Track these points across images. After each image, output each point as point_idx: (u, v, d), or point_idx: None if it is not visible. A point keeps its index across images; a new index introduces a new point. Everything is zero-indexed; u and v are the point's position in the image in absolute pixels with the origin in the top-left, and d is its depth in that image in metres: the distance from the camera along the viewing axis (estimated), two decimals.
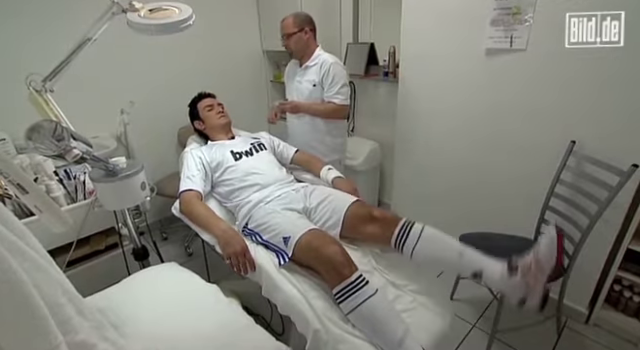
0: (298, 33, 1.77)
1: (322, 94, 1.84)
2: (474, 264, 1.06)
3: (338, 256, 1.06)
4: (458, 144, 1.90)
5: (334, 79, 1.77)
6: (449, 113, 1.88)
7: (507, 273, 0.99)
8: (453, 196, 2.01)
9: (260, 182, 1.45)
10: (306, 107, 1.87)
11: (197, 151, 1.57)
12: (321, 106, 1.85)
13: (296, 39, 1.78)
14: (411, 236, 1.16)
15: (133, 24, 1.03)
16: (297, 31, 1.77)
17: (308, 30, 1.79)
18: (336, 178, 1.56)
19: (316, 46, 1.87)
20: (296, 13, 1.81)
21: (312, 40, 1.84)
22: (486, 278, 1.04)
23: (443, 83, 1.86)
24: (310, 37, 1.82)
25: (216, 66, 2.56)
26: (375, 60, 2.39)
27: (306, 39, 1.80)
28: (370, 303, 0.99)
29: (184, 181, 1.45)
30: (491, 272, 1.03)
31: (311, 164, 1.71)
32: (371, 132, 2.60)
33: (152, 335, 0.93)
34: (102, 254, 1.49)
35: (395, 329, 0.97)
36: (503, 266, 1.02)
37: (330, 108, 1.82)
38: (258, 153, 1.58)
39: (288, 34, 1.78)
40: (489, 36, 1.59)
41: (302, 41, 1.79)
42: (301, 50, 1.83)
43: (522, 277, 0.96)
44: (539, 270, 0.96)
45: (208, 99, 1.73)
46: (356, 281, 1.02)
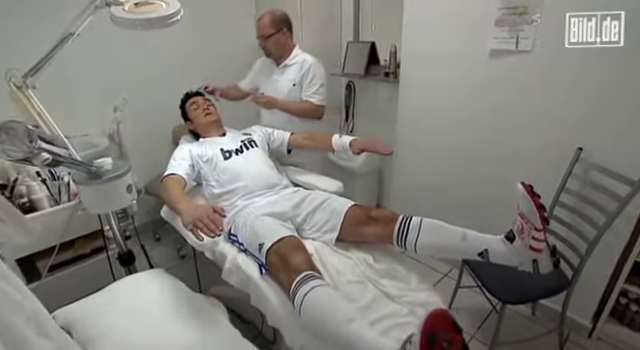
0: (276, 34, 1.69)
1: (301, 94, 1.79)
2: (478, 245, 1.06)
3: (303, 266, 1.01)
4: (460, 148, 1.83)
5: (313, 79, 1.73)
6: (451, 115, 1.82)
7: (508, 242, 1.02)
8: (454, 202, 1.95)
9: (248, 187, 1.40)
10: (281, 104, 1.80)
11: (186, 145, 1.56)
12: (297, 104, 1.79)
13: (274, 40, 1.71)
14: (411, 230, 1.14)
15: (116, 19, 0.97)
16: (275, 32, 1.69)
17: (286, 30, 1.72)
18: (354, 140, 1.51)
19: (294, 45, 1.81)
20: (272, 12, 1.71)
21: (290, 39, 1.78)
22: (492, 254, 1.04)
23: (445, 84, 1.79)
24: (288, 37, 1.75)
25: (212, 62, 2.47)
26: (376, 59, 2.33)
27: (284, 39, 1.73)
28: (317, 291, 0.93)
29: (168, 168, 1.41)
30: (495, 247, 1.04)
31: (316, 140, 1.66)
32: (370, 133, 2.53)
33: (127, 347, 0.88)
34: (87, 258, 1.44)
35: (345, 311, 0.91)
36: (503, 238, 1.04)
37: (306, 107, 1.77)
38: (249, 151, 1.53)
39: (265, 35, 1.70)
40: (494, 37, 1.53)
41: (280, 42, 1.73)
42: (279, 51, 1.76)
43: (521, 239, 0.98)
44: (529, 224, 0.95)
45: (194, 98, 1.70)
46: (304, 277, 0.97)
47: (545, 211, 0.95)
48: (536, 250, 0.95)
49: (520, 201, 0.99)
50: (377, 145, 1.45)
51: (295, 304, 0.94)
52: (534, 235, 0.93)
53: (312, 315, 0.91)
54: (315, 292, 0.92)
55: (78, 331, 0.98)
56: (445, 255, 1.38)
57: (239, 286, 1.18)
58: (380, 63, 2.32)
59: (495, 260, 1.03)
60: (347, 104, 2.61)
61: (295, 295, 0.94)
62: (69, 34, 1.10)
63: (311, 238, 1.31)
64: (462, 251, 1.09)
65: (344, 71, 2.44)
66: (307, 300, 0.91)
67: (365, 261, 1.21)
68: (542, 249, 0.95)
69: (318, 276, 0.99)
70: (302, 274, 0.97)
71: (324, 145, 1.62)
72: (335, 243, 1.26)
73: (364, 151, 1.48)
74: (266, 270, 1.11)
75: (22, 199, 1.28)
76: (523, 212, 0.97)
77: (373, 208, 1.27)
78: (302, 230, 1.33)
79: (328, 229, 1.26)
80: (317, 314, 0.91)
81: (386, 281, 1.16)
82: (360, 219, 1.23)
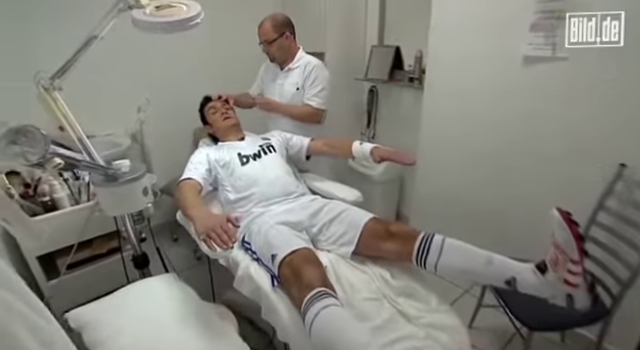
0: (279, 39, 1.66)
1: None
2: (505, 271, 0.99)
3: (316, 282, 0.96)
4: (486, 157, 1.74)
5: (314, 82, 1.68)
6: (478, 123, 1.73)
7: (539, 273, 0.94)
8: (480, 215, 1.85)
9: (264, 194, 1.37)
10: (279, 107, 1.77)
11: (204, 148, 1.55)
12: (296, 108, 1.75)
13: (278, 45, 1.67)
14: (432, 249, 1.07)
15: (138, 22, 0.96)
16: (278, 37, 1.65)
17: (289, 34, 1.69)
18: (375, 148, 1.46)
19: (297, 48, 1.77)
20: (273, 17, 1.68)
21: (293, 43, 1.74)
22: (521, 284, 0.96)
23: (473, 90, 1.71)
24: (291, 40, 1.72)
25: (234, 65, 2.46)
26: (400, 64, 2.27)
27: (288, 43, 1.70)
28: (328, 311, 0.88)
29: (185, 172, 1.41)
30: (525, 277, 0.96)
31: (335, 146, 1.63)
32: (392, 140, 2.46)
33: None
34: (104, 258, 1.45)
35: (357, 335, 0.85)
36: (533, 268, 0.96)
37: (305, 111, 1.72)
38: (267, 155, 1.50)
39: (268, 41, 1.66)
40: (528, 42, 1.44)
41: (284, 46, 1.69)
42: (283, 55, 1.73)
43: (554, 272, 0.90)
44: (565, 256, 0.87)
45: (212, 102, 1.70)
46: (316, 294, 0.92)
47: (584, 242, 0.86)
48: (572, 285, 0.86)
49: (555, 229, 0.90)
50: (399, 154, 1.39)
51: (305, 323, 0.90)
52: (570, 268, 0.85)
53: (323, 336, 0.86)
54: (327, 312, 0.88)
55: (89, 333, 0.98)
56: (468, 279, 1.30)
57: (250, 296, 1.15)
58: (404, 68, 2.26)
59: (523, 290, 0.95)
60: (369, 109, 2.55)
61: (306, 313, 0.90)
62: (93, 37, 1.10)
63: (326, 250, 1.27)
64: (487, 276, 1.02)
65: (367, 76, 2.38)
66: (318, 320, 0.87)
67: (382, 277, 1.15)
68: (579, 284, 0.86)
69: (331, 293, 0.94)
70: (314, 291, 0.92)
71: (344, 152, 1.57)
72: (351, 256, 1.21)
73: (385, 160, 1.43)
74: (278, 282, 1.07)
75: (44, 198, 1.31)
76: (558, 242, 0.88)
77: (393, 222, 1.22)
78: (317, 241, 1.29)
79: (344, 242, 1.22)
80: (328, 336, 0.86)
81: (403, 299, 1.10)
82: (379, 233, 1.18)
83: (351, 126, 2.69)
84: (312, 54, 1.85)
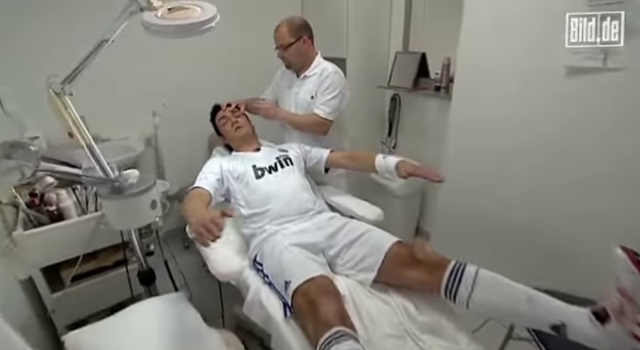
0: (296, 43, 1.55)
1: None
2: (552, 314, 0.86)
3: (334, 319, 0.86)
4: (522, 174, 1.60)
5: (327, 89, 1.55)
6: (513, 137, 1.59)
7: (598, 322, 0.80)
8: (511, 235, 1.70)
9: (279, 211, 1.27)
10: (282, 114, 1.66)
11: (218, 158, 1.47)
12: (299, 116, 1.63)
13: (294, 50, 1.56)
14: (464, 282, 0.95)
15: (148, 25, 0.89)
16: (294, 41, 1.54)
17: (306, 38, 1.57)
18: (401, 162, 1.35)
19: (315, 54, 1.65)
20: (290, 20, 1.57)
21: (311, 48, 1.62)
22: (572, 332, 0.83)
23: (507, 103, 1.57)
24: (309, 45, 1.60)
25: (254, 69, 2.39)
26: (426, 72, 2.14)
27: (305, 48, 1.58)
28: None
29: (196, 181, 1.33)
30: (578, 324, 0.82)
31: (357, 159, 1.52)
32: (415, 151, 2.33)
33: None
34: (109, 270, 1.39)
35: None
36: (590, 315, 0.82)
37: (309, 120, 1.59)
38: (283, 169, 1.40)
39: (284, 45, 1.55)
40: (573, 50, 1.30)
41: (301, 51, 1.58)
42: (300, 61, 1.61)
43: (619, 323, 0.77)
44: (634, 306, 0.74)
45: (221, 112, 1.61)
46: (334, 334, 0.82)
47: None
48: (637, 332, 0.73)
49: (621, 272, 0.77)
50: (427, 170, 1.28)
51: None
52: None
53: None
54: None
55: None
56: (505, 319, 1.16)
57: (260, 323, 1.06)
58: (430, 76, 2.14)
59: (575, 338, 0.82)
60: (391, 118, 2.44)
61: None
62: (103, 41, 1.04)
63: (344, 274, 1.16)
64: (529, 318, 0.89)
65: (390, 83, 2.27)
66: None
67: (405, 309, 1.04)
68: None
69: (350, 333, 0.83)
70: (333, 330, 0.82)
71: (366, 166, 1.47)
72: (372, 284, 1.10)
73: (412, 176, 1.32)
74: (291, 312, 0.97)
75: (51, 207, 1.25)
76: (625, 288, 0.75)
77: (419, 248, 1.09)
78: (335, 264, 1.19)
79: (365, 267, 1.11)
80: None
81: (428, 337, 0.98)
82: (403, 260, 1.07)
83: (371, 135, 2.58)
84: (332, 60, 1.76)
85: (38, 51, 1.78)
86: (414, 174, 1.30)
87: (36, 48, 1.77)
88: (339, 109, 1.59)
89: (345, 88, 1.60)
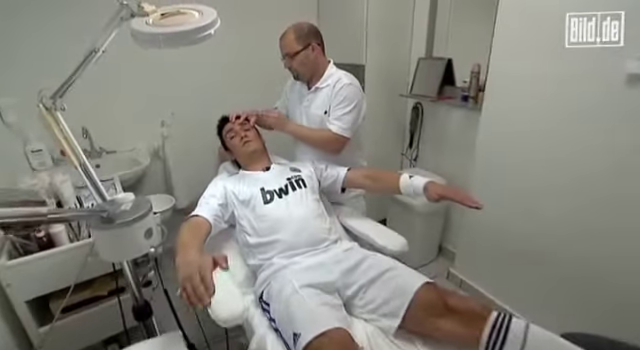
0: (303, 51, 1.38)
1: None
2: None
3: None
4: (561, 195, 1.40)
5: (341, 103, 1.37)
6: (553, 152, 1.40)
7: None
8: (549, 264, 1.51)
9: (288, 242, 1.12)
10: (292, 126, 1.49)
11: (222, 180, 1.32)
12: (313, 131, 1.46)
13: (302, 59, 1.39)
14: (511, 340, 0.79)
15: (137, 34, 0.76)
16: (302, 48, 1.37)
17: (315, 45, 1.40)
18: (430, 183, 1.19)
19: (327, 63, 1.47)
20: (297, 26, 1.40)
21: (321, 56, 1.44)
22: None
23: (548, 116, 1.39)
24: (318, 53, 1.42)
25: (268, 78, 2.26)
26: (451, 80, 1.97)
27: (314, 57, 1.41)
28: None
29: (197, 207, 1.19)
30: None
31: (378, 179, 1.36)
32: (438, 165, 2.16)
33: None
34: (104, 300, 1.27)
35: None
36: None
37: (323, 136, 1.41)
38: (295, 192, 1.25)
39: (291, 54, 1.39)
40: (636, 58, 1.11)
41: (309, 60, 1.40)
42: (309, 71, 1.44)
43: None
44: None
45: (229, 124, 1.47)
46: None
47: None
48: None
49: None
50: (462, 194, 1.12)
51: None
52: None
53: None
54: None
55: None
56: None
57: None
58: (456, 84, 1.96)
59: None
60: (412, 129, 2.26)
61: None
62: (93, 51, 0.92)
63: (363, 318, 1.00)
64: None
65: (412, 92, 2.10)
66: None
67: None
68: None
69: None
70: None
71: (389, 186, 1.31)
72: (395, 332, 0.93)
73: (444, 199, 1.15)
74: None
75: (40, 233, 1.14)
76: None
77: (453, 294, 0.92)
78: (352, 306, 1.03)
79: (388, 312, 0.94)
80: None
81: None
82: (434, 307, 0.90)
83: (390, 146, 2.42)
84: (350, 67, 1.60)
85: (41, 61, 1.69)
86: (447, 197, 1.14)
87: (38, 58, 1.68)
88: (356, 125, 1.41)
89: (362, 101, 1.43)
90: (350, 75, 1.44)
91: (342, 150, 1.43)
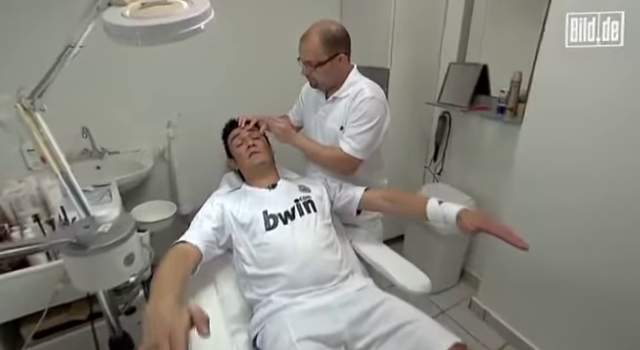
0: (329, 61, 1.16)
1: None
2: None
3: None
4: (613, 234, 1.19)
5: (360, 118, 1.16)
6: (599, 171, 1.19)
7: None
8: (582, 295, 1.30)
9: (291, 278, 0.95)
10: (299, 140, 1.29)
11: (220, 198, 1.15)
12: (322, 148, 1.27)
13: (325, 70, 1.18)
14: None
15: (108, 27, 0.61)
16: (328, 59, 1.16)
17: (343, 55, 1.18)
18: (464, 212, 1.00)
19: (350, 68, 1.25)
20: (325, 29, 1.15)
21: (347, 64, 1.24)
22: None
23: (594, 134, 1.18)
24: (345, 62, 1.21)
25: (288, 78, 2.06)
26: (486, 89, 1.76)
27: (340, 68, 1.20)
28: None
29: (188, 230, 1.03)
30: None
31: (400, 202, 1.17)
32: (464, 181, 1.95)
33: None
34: (82, 325, 1.13)
35: None
36: None
37: (333, 155, 1.21)
38: (302, 217, 1.07)
39: (313, 63, 1.17)
40: None
41: (334, 70, 1.20)
42: (331, 82, 1.24)
43: None
44: None
45: (237, 129, 1.30)
46: None
47: None
48: None
49: None
50: (505, 230, 0.91)
51: None
52: None
53: None
54: None
55: None
56: None
57: None
58: (491, 94, 1.75)
59: None
60: (438, 140, 2.06)
61: None
62: (69, 46, 0.78)
63: None
64: None
65: (441, 100, 1.90)
66: None
67: None
68: None
69: None
70: None
71: (413, 211, 1.13)
72: None
73: (482, 232, 0.95)
74: None
75: None
76: None
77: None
78: None
79: None
80: None
81: None
82: None
83: (413, 158, 2.22)
84: (374, 71, 1.41)
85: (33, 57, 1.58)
86: (486, 230, 0.94)
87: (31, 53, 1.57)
88: (372, 146, 1.21)
89: (384, 119, 1.21)
90: (375, 86, 1.22)
91: (354, 171, 1.24)
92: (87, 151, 1.75)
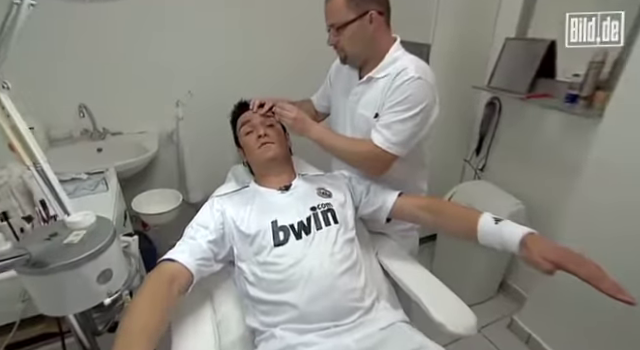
0: (357, 21, 0.92)
1: None
2: None
3: None
4: None
5: (400, 102, 0.91)
6: None
7: None
8: None
9: (301, 311, 0.75)
10: (319, 133, 0.99)
11: (222, 200, 0.93)
12: (347, 141, 1.01)
13: (353, 33, 0.93)
14: None
15: None
16: (355, 18, 0.91)
17: (375, 14, 0.92)
18: (531, 237, 0.74)
19: (391, 42, 0.99)
20: None
21: (383, 32, 0.97)
22: None
23: None
24: (379, 25, 0.95)
25: (316, 53, 1.59)
26: (550, 71, 1.44)
27: (372, 31, 0.94)
28: None
29: (177, 244, 0.84)
30: None
31: (442, 213, 0.92)
32: (511, 181, 1.67)
33: None
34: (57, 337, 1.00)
35: None
36: None
37: (361, 150, 0.96)
38: (320, 231, 0.85)
39: (337, 25, 0.94)
40: None
41: (364, 36, 0.94)
42: (362, 52, 0.98)
43: None
44: None
45: (248, 113, 1.07)
46: None
47: None
48: None
49: None
50: (599, 273, 0.64)
51: None
52: None
53: None
54: None
55: None
56: None
57: None
58: (557, 77, 1.43)
59: None
60: (483, 131, 1.77)
61: None
62: (14, 3, 0.58)
63: None
64: None
65: (491, 83, 1.60)
66: None
67: None
68: None
69: None
70: None
71: (460, 228, 0.87)
72: None
73: (560, 269, 0.68)
74: None
75: None
76: None
77: None
78: None
79: None
80: None
81: None
82: None
83: (452, 149, 1.95)
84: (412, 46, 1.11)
85: None
86: (568, 270, 0.67)
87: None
88: (413, 140, 0.95)
89: (433, 106, 0.96)
90: (423, 64, 0.95)
91: (386, 170, 0.98)
92: (87, 131, 1.59)
